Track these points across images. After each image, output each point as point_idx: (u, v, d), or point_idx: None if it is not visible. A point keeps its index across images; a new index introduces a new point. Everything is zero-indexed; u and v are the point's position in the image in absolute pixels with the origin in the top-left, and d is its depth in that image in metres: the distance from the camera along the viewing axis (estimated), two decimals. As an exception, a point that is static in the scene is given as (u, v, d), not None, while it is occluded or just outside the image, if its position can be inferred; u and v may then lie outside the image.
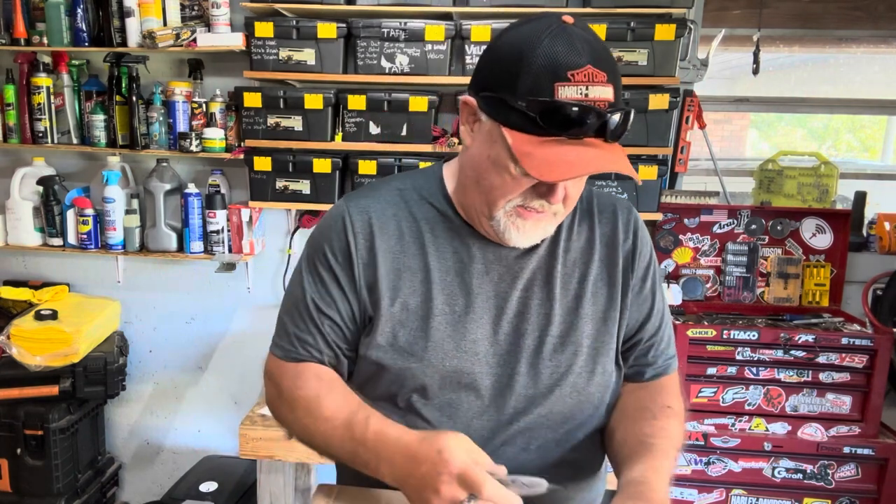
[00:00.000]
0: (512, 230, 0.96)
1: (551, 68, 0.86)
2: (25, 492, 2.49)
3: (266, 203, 2.47)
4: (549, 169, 0.87)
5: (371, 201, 1.06)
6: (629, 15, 2.20)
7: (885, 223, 2.53)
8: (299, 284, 1.08)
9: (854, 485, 2.27)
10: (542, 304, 1.04)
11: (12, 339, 2.40)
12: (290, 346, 1.06)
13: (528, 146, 0.88)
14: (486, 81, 0.93)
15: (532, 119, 0.86)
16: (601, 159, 0.88)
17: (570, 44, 0.86)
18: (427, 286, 1.02)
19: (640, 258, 1.09)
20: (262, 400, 2.28)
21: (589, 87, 0.86)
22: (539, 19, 0.91)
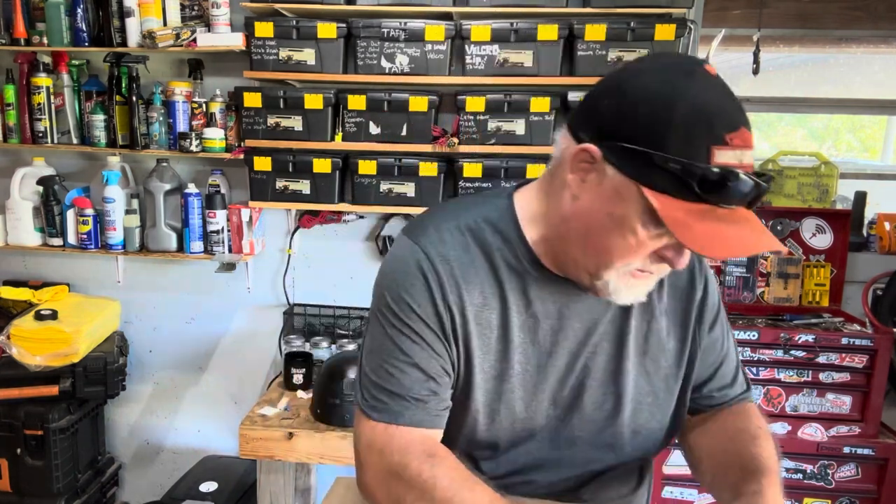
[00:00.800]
0: (622, 290, 0.89)
1: (706, 127, 0.77)
2: (25, 492, 2.49)
3: (266, 203, 2.47)
4: (710, 245, 0.78)
5: (448, 248, 0.95)
6: (629, 15, 2.20)
7: (885, 223, 2.53)
8: (386, 337, 0.95)
9: (854, 485, 2.27)
10: (609, 361, 0.99)
11: (12, 339, 2.40)
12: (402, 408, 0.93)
13: (678, 213, 0.78)
14: (615, 130, 0.81)
15: (685, 184, 0.77)
16: (758, 239, 0.80)
17: (724, 99, 0.79)
18: (504, 345, 0.96)
19: (710, 308, 1.05)
20: (262, 400, 2.28)
21: (744, 153, 0.78)
22: (678, 64, 0.82)
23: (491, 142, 2.32)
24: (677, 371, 1.03)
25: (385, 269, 0.99)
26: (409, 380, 0.93)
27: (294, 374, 2.36)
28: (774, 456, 0.99)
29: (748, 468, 0.96)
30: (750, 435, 1.02)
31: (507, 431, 0.99)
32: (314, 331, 2.64)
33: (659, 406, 1.03)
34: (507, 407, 0.97)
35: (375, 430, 0.93)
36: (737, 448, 1.00)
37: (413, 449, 0.91)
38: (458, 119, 2.33)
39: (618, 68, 0.89)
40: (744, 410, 1.09)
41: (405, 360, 0.94)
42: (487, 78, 2.28)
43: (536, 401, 0.98)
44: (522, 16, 2.24)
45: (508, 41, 2.24)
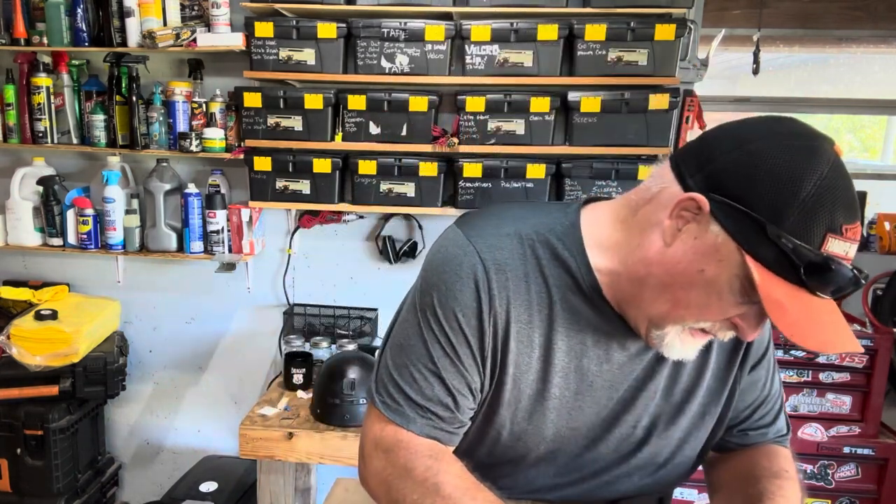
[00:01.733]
0: (677, 346, 0.86)
1: (829, 215, 0.73)
2: (25, 492, 2.49)
3: (266, 203, 2.47)
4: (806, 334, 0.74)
5: (506, 255, 0.90)
6: (629, 15, 2.20)
7: (885, 223, 2.53)
8: (420, 338, 0.92)
9: (854, 485, 2.27)
10: (647, 397, 0.96)
11: (12, 339, 2.40)
12: (415, 417, 0.91)
13: (778, 293, 0.74)
14: (732, 188, 0.76)
15: (792, 264, 0.73)
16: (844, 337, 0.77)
17: (847, 189, 0.74)
18: (545, 365, 0.92)
19: (755, 348, 1.01)
20: (262, 400, 2.28)
21: (851, 246, 0.75)
22: (809, 135, 0.77)
23: (491, 142, 2.32)
24: (713, 409, 1.00)
25: (436, 262, 0.93)
26: (431, 390, 0.91)
27: (294, 374, 2.36)
28: (788, 495, 0.95)
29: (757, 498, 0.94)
30: (771, 472, 0.99)
31: (531, 452, 0.97)
32: (314, 331, 2.64)
33: (688, 442, 1.01)
34: (536, 428, 0.94)
35: (385, 429, 0.92)
36: (752, 481, 0.97)
37: (420, 452, 0.89)
38: (458, 119, 2.33)
39: (738, 120, 0.83)
40: (773, 451, 1.05)
41: (433, 369, 0.91)
42: (487, 78, 2.28)
43: (569, 428, 0.95)
44: (522, 16, 2.24)
45: (508, 41, 2.24)
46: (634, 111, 2.24)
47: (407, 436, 0.91)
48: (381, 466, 0.91)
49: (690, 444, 1.01)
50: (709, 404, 0.99)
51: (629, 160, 2.32)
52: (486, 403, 0.94)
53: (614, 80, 2.23)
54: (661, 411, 0.97)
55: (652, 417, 0.97)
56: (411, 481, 0.87)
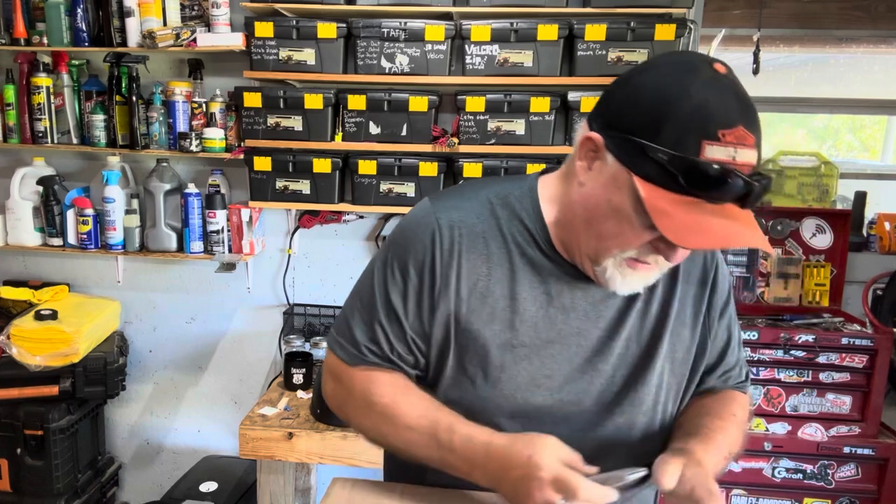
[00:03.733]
0: (618, 278, 0.91)
1: (701, 123, 0.78)
2: (25, 492, 2.49)
3: (266, 203, 2.47)
4: (686, 235, 0.79)
5: (462, 214, 0.99)
6: (629, 15, 2.20)
7: (885, 223, 2.53)
8: (370, 287, 1.02)
9: (854, 485, 2.27)
10: (621, 345, 1.00)
11: (12, 339, 2.40)
12: (355, 350, 1.02)
13: (663, 203, 0.80)
14: (619, 121, 0.85)
15: (672, 175, 0.79)
16: (742, 233, 0.81)
17: (724, 98, 0.79)
18: (511, 314, 0.97)
19: (719, 295, 1.06)
20: (262, 400, 2.28)
21: (738, 150, 0.79)
22: (690, 62, 0.83)
23: (491, 142, 2.32)
24: (686, 356, 1.04)
25: (399, 225, 1.05)
26: (372, 332, 1.01)
27: (294, 374, 2.36)
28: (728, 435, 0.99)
29: (690, 432, 0.97)
30: (718, 414, 1.03)
31: (510, 403, 0.99)
32: (314, 331, 2.64)
33: (664, 388, 1.03)
34: (510, 377, 0.98)
35: (337, 364, 1.05)
36: (695, 419, 1.02)
37: (357, 379, 1.02)
38: (458, 119, 2.33)
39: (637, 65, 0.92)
40: (729, 396, 1.09)
41: (378, 312, 1.00)
42: (487, 78, 2.28)
43: (544, 376, 0.99)
44: (522, 16, 2.24)
45: (508, 41, 2.24)
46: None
47: (346, 368, 1.03)
48: (332, 390, 1.08)
49: (671, 396, 1.03)
50: (679, 349, 1.03)
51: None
52: (453, 353, 0.99)
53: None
54: (634, 358, 1.01)
55: (629, 367, 1.00)
56: (352, 404, 1.03)
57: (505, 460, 0.88)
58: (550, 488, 0.83)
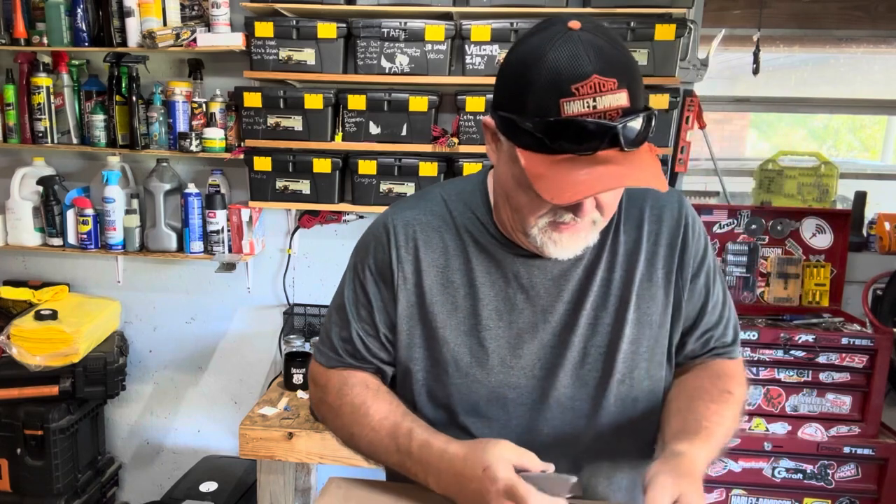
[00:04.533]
0: (549, 244, 0.93)
1: (555, 84, 0.81)
2: (25, 492, 2.49)
3: (266, 203, 2.47)
4: (560, 191, 0.83)
5: (416, 213, 1.05)
6: (629, 15, 2.20)
7: (885, 223, 2.53)
8: (341, 295, 1.09)
9: (854, 485, 2.27)
10: (588, 315, 1.01)
11: (12, 339, 2.40)
12: (332, 353, 1.08)
13: (540, 167, 0.84)
14: (499, 100, 0.90)
15: (540, 140, 0.83)
16: (614, 175, 0.83)
17: (574, 54, 0.81)
18: (473, 301, 1.01)
19: (691, 254, 1.05)
20: (262, 400, 2.28)
21: (596, 99, 0.81)
22: (545, 29, 0.86)
23: (491, 142, 2.32)
24: (663, 318, 1.04)
25: (362, 235, 1.13)
26: (347, 332, 1.06)
27: (294, 374, 2.36)
28: (723, 421, 0.99)
29: (685, 427, 0.97)
30: (709, 395, 1.02)
31: (483, 387, 1.01)
32: (314, 331, 2.64)
33: (644, 355, 1.03)
34: (480, 361, 1.01)
35: (317, 368, 1.12)
36: (690, 404, 1.01)
37: (331, 382, 1.08)
38: (458, 119, 2.33)
39: None
40: (719, 369, 1.08)
41: (350, 314, 1.06)
42: (487, 78, 2.28)
43: (514, 356, 1.01)
44: (522, 16, 2.24)
45: (508, 41, 2.24)
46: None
47: (327, 372, 1.09)
48: (313, 394, 1.14)
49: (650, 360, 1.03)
50: (655, 313, 1.03)
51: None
52: (423, 346, 1.04)
53: (614, 80, 2.23)
54: (605, 327, 1.01)
55: (601, 336, 1.01)
56: (327, 404, 1.09)
57: (460, 472, 0.90)
58: (504, 499, 0.85)
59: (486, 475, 0.86)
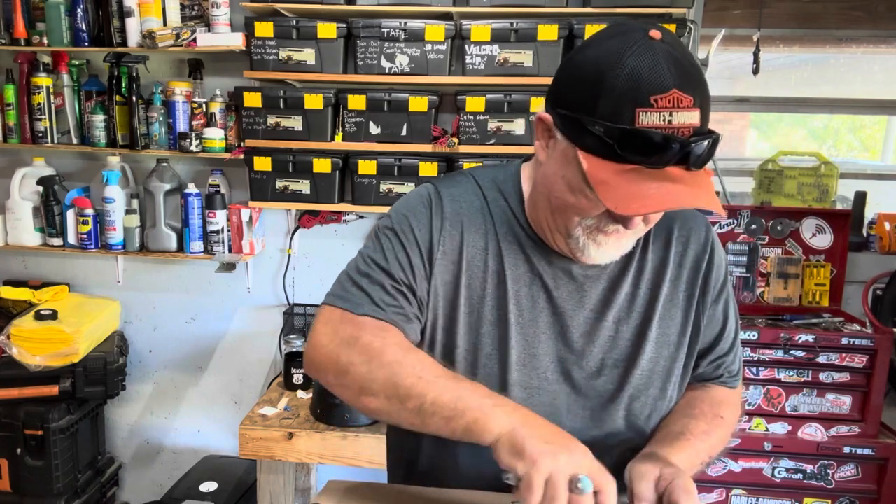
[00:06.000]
0: (591, 247, 0.92)
1: (633, 92, 0.80)
2: (25, 492, 2.49)
3: (266, 203, 2.47)
4: (626, 202, 0.81)
5: (460, 191, 1.03)
6: (629, 15, 2.20)
7: (885, 223, 2.53)
8: (374, 247, 1.01)
9: (854, 485, 2.27)
10: (610, 327, 1.00)
11: (12, 339, 2.40)
12: (368, 302, 0.96)
13: (604, 174, 0.82)
14: (563, 99, 0.88)
15: (610, 146, 0.81)
16: (682, 194, 0.81)
17: (656, 64, 0.80)
18: (502, 292, 0.99)
19: (714, 280, 1.05)
20: (262, 400, 2.28)
21: (673, 114, 0.80)
22: (624, 34, 0.84)
23: (491, 142, 2.32)
24: (681, 340, 1.04)
25: (400, 200, 1.07)
26: (379, 281, 0.97)
27: (294, 374, 2.36)
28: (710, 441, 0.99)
29: (669, 437, 0.97)
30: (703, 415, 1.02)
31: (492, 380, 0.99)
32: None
33: (670, 379, 1.03)
34: (501, 355, 0.99)
35: (334, 312, 0.97)
36: (679, 419, 1.01)
37: (366, 326, 0.94)
38: (458, 119, 2.33)
39: None
40: (717, 395, 1.08)
41: (383, 264, 0.98)
42: (487, 78, 2.28)
43: (529, 354, 0.99)
44: (522, 16, 2.24)
45: (508, 41, 2.24)
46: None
47: (355, 318, 0.96)
48: (327, 340, 0.96)
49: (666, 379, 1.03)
50: (675, 334, 1.03)
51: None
52: (444, 327, 1.00)
53: (614, 80, 2.23)
54: (625, 342, 1.01)
55: (620, 350, 1.00)
56: (357, 350, 0.92)
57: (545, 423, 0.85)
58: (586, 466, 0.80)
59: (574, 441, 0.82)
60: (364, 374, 0.91)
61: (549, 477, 0.77)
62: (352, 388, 0.93)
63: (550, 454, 0.78)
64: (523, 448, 0.79)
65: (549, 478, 0.77)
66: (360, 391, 0.92)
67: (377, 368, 0.90)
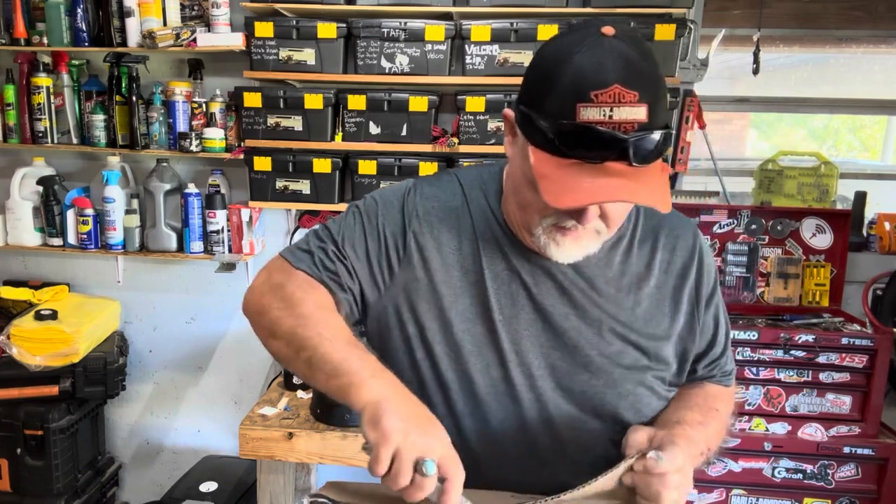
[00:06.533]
0: (552, 246, 0.93)
1: (576, 88, 0.81)
2: (25, 492, 2.49)
3: (266, 203, 2.47)
4: (560, 195, 0.83)
5: (437, 190, 1.05)
6: (629, 15, 2.20)
7: (885, 223, 2.53)
8: (339, 219, 1.05)
9: (854, 485, 2.26)
10: (593, 324, 1.00)
11: (12, 339, 2.40)
12: (307, 260, 1.02)
13: (547, 168, 0.84)
14: (522, 95, 0.90)
15: (552, 141, 0.83)
16: (618, 189, 0.82)
17: (601, 60, 0.81)
18: (480, 290, 1.00)
19: (705, 288, 1.05)
20: (262, 400, 2.28)
21: (614, 109, 0.80)
22: (578, 31, 0.86)
23: (491, 142, 2.32)
24: (667, 348, 1.03)
25: (382, 188, 1.10)
26: (324, 246, 1.02)
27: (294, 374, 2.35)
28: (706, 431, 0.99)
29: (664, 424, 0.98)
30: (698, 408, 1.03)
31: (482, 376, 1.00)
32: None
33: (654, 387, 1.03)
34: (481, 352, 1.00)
35: (277, 262, 1.05)
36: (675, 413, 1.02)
37: (296, 280, 0.99)
38: (458, 119, 2.33)
39: None
40: (712, 391, 1.10)
41: (335, 234, 1.02)
42: (487, 78, 2.28)
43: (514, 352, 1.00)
44: (522, 16, 2.24)
45: (508, 41, 2.24)
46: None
47: (290, 268, 1.02)
48: (259, 283, 1.03)
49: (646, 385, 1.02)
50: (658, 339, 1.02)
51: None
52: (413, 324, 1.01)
53: (614, 80, 2.23)
54: (608, 345, 1.00)
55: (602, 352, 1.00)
56: (279, 297, 0.98)
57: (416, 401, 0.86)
58: (438, 448, 0.80)
59: (437, 425, 0.84)
60: (276, 318, 0.96)
61: (396, 453, 0.78)
62: (265, 329, 0.98)
63: (403, 432, 0.79)
64: (380, 420, 0.80)
65: (396, 454, 0.78)
66: (269, 333, 0.97)
67: (288, 316, 0.94)
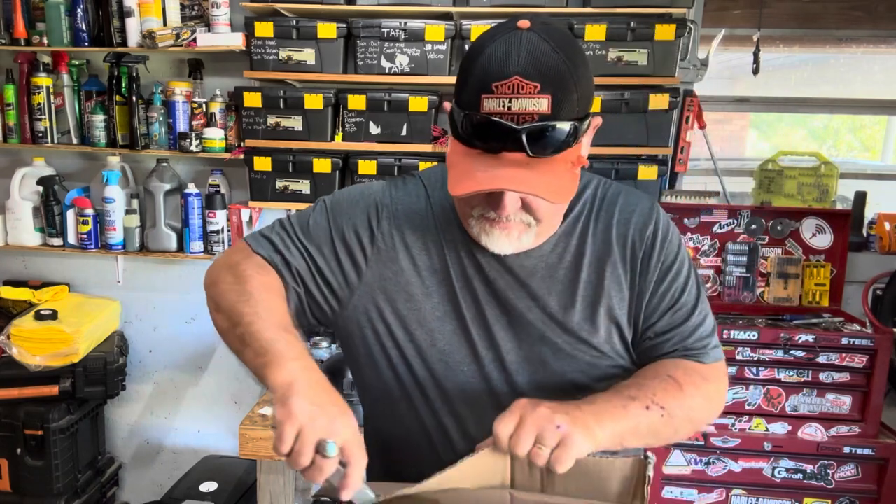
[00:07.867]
0: (483, 236, 0.95)
1: (481, 79, 0.84)
2: (25, 492, 2.49)
3: (266, 203, 2.47)
4: (456, 183, 0.87)
5: (402, 194, 1.06)
6: (629, 15, 2.20)
7: (885, 223, 2.53)
8: (309, 217, 1.07)
9: (854, 485, 2.26)
10: (557, 312, 1.01)
11: (12, 339, 2.40)
12: (268, 247, 1.04)
13: (456, 157, 0.89)
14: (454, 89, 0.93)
15: (463, 131, 0.87)
16: (508, 179, 0.85)
17: (506, 53, 0.84)
18: (447, 288, 1.02)
19: (657, 259, 1.03)
20: (262, 400, 2.28)
21: (512, 100, 0.83)
22: (498, 26, 0.89)
23: (491, 142, 2.32)
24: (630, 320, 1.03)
25: (353, 186, 1.13)
26: (285, 235, 1.04)
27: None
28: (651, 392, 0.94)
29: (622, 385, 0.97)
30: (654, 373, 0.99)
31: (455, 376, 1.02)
32: (314, 331, 2.63)
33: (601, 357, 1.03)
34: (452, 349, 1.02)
35: (240, 243, 1.08)
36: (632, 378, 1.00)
37: (252, 261, 1.03)
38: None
39: None
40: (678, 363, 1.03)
41: (296, 225, 1.05)
42: (487, 78, 2.28)
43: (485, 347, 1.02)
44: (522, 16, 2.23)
45: (508, 41, 2.24)
46: (634, 111, 2.24)
47: (250, 251, 1.05)
48: (220, 261, 1.08)
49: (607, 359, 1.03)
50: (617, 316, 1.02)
51: (629, 160, 2.32)
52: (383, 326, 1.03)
53: (614, 80, 2.23)
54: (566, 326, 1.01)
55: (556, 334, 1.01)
56: (232, 273, 1.02)
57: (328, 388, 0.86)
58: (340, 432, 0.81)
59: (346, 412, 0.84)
60: (223, 291, 1.01)
61: (300, 432, 0.79)
62: (213, 300, 1.03)
63: (308, 414, 0.80)
64: (288, 400, 0.81)
65: (300, 433, 0.79)
66: (215, 306, 1.02)
67: (233, 291, 0.99)
